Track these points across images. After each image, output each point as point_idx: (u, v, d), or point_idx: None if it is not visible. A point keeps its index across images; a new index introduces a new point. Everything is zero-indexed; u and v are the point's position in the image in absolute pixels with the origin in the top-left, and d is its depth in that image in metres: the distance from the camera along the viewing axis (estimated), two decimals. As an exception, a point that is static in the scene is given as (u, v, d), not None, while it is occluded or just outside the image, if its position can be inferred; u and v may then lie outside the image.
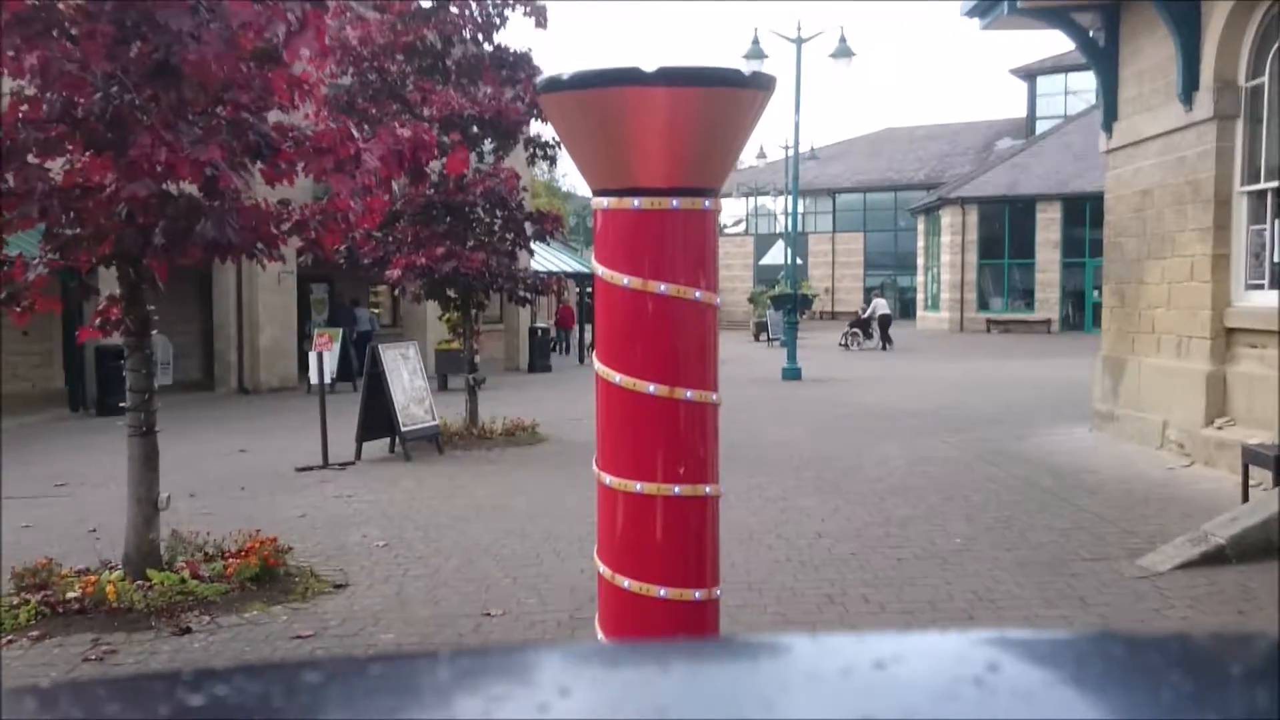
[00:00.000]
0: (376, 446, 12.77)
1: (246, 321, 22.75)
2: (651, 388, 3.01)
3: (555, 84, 3.07)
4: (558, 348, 34.89)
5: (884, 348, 31.69)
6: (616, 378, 3.05)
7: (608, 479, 3.11)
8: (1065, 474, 10.04)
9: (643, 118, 2.93)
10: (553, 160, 14.07)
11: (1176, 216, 10.60)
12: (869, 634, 0.79)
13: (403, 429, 12.42)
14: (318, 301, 27.71)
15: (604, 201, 3.06)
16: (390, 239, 13.33)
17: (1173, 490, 9.12)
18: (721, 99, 2.98)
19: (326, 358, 12.24)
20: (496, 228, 13.63)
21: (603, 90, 2.95)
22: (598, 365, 3.12)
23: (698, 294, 3.03)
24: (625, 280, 3.01)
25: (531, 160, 14.02)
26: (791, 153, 44.90)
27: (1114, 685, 0.70)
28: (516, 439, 13.44)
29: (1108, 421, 12.06)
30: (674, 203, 2.98)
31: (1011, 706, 0.64)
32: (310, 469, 11.84)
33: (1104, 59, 11.97)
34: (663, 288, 2.99)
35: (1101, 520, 8.13)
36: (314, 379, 12.09)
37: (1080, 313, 39.53)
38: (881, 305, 33.85)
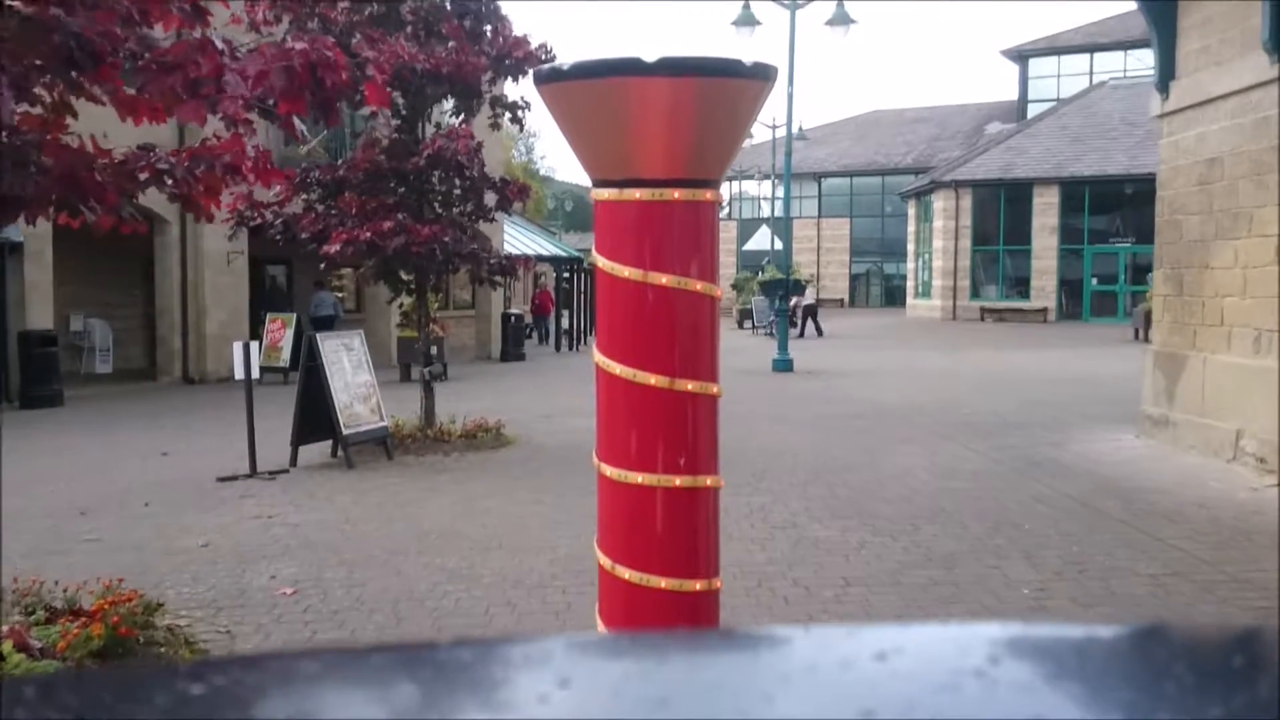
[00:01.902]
0: (317, 450, 11.06)
1: (192, 305, 20.92)
2: (652, 379, 2.98)
3: (555, 74, 3.00)
4: (534, 335, 33.11)
5: (806, 335, 31.22)
6: (617, 369, 3.01)
7: (608, 470, 3.08)
8: (1129, 495, 8.40)
9: (643, 108, 2.89)
10: (520, 124, 12.31)
11: (1255, 189, 8.96)
12: (869, 626, 0.77)
13: (344, 432, 10.70)
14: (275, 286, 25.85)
15: (604, 193, 3.02)
16: (334, 211, 11.57)
17: (1270, 518, 7.49)
18: (723, 89, 2.94)
19: (255, 349, 10.49)
20: (455, 198, 11.91)
21: (603, 80, 2.91)
22: (598, 356, 3.08)
23: (698, 285, 2.99)
24: (626, 271, 2.97)
25: (496, 123, 12.27)
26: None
27: (1116, 677, 0.69)
28: (478, 442, 11.73)
29: (1160, 427, 10.45)
30: (675, 194, 2.94)
31: (1013, 699, 0.63)
32: (234, 479, 10.12)
33: (1160, 4, 10.30)
34: (663, 279, 2.95)
35: (1198, 561, 6.50)
36: (238, 374, 10.35)
37: (1078, 302, 38.01)
38: (807, 294, 33.58)
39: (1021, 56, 50.74)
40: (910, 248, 44.75)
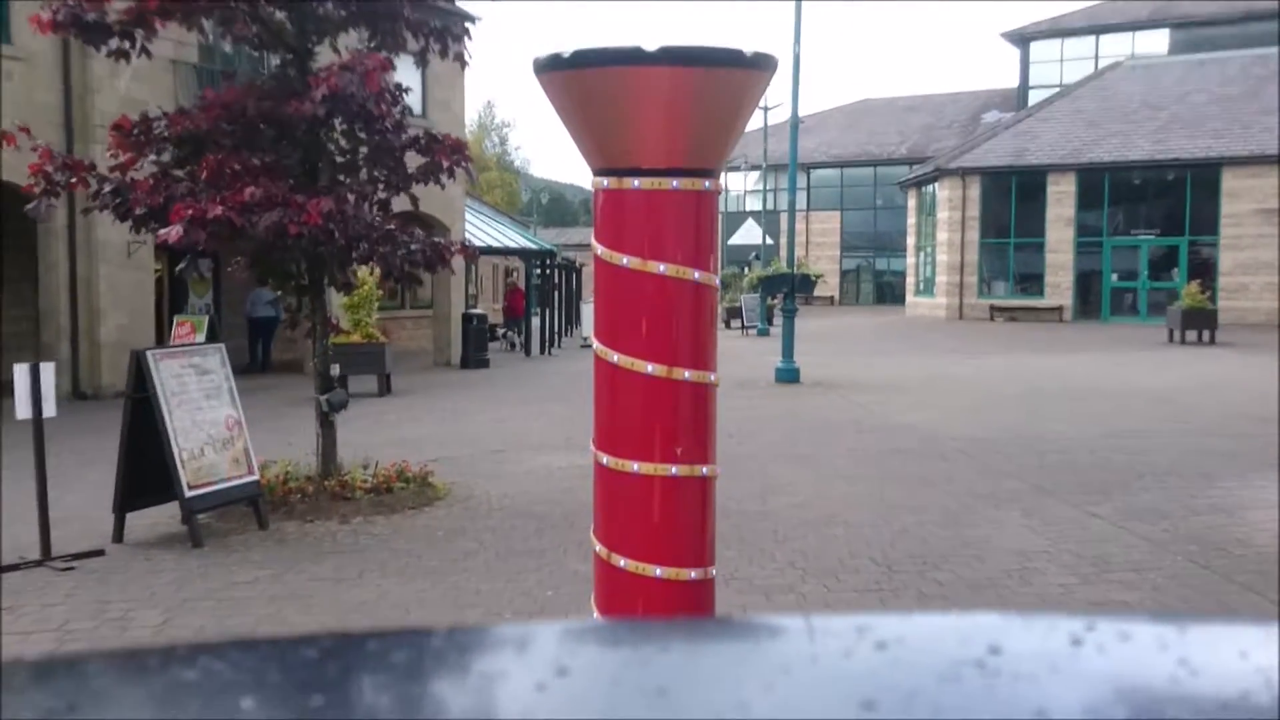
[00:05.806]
0: (168, 513, 7.70)
1: (84, 306, 17.48)
2: (649, 368, 2.95)
3: (555, 63, 2.95)
4: (507, 338, 29.77)
5: None
6: (614, 357, 2.99)
7: (605, 459, 3.04)
8: None
9: (643, 97, 2.89)
10: (459, 58, 8.96)
11: None
12: (870, 615, 0.76)
13: (189, 493, 7.33)
14: (197, 282, 22.39)
15: (604, 181, 3.00)
16: (185, 175, 8.20)
17: None
18: (723, 79, 2.93)
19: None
20: (362, 157, 8.56)
21: (603, 69, 2.90)
22: (596, 345, 3.07)
23: (696, 274, 2.96)
24: (624, 260, 2.96)
25: (422, 58, 8.93)
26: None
27: (1116, 668, 0.67)
28: (393, 497, 8.37)
29: (1378, 485, 7.26)
30: (674, 183, 2.92)
31: (1014, 688, 0.62)
32: (16, 567, 6.77)
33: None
34: (661, 268, 2.92)
35: None
36: (20, 412, 6.96)
37: (1095, 299, 34.80)
38: None
39: (1023, 39, 47.79)
40: (910, 241, 41.50)
